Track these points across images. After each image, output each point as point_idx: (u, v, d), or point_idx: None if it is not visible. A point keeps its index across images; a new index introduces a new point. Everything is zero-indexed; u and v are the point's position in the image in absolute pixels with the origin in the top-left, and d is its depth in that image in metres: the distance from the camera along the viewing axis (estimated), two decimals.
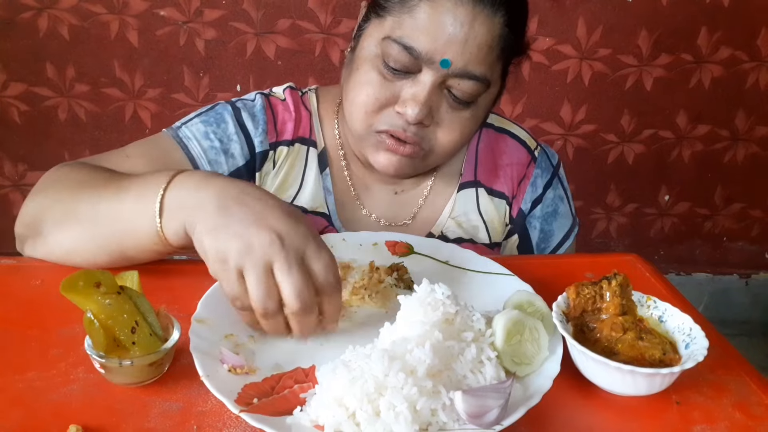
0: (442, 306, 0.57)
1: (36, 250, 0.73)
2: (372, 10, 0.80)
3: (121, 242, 0.67)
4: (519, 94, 1.93)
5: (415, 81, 0.76)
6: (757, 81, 1.96)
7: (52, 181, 0.75)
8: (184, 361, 0.57)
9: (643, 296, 0.64)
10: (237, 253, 0.55)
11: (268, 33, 1.79)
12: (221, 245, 0.56)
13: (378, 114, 0.79)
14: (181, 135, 0.85)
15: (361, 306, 0.69)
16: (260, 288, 0.55)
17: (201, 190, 0.60)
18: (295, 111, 0.91)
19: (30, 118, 1.85)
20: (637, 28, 1.86)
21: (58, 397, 0.54)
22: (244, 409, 0.50)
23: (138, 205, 0.63)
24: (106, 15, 1.73)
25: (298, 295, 0.55)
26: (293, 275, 0.55)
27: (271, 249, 0.54)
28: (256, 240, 0.55)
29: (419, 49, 0.73)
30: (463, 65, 0.74)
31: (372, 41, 0.78)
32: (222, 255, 0.56)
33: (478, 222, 0.94)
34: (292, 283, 0.55)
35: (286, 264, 0.55)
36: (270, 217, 0.56)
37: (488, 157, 0.95)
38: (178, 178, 0.62)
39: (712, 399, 0.58)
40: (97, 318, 0.54)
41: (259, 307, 0.55)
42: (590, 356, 0.55)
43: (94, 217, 0.67)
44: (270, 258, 0.55)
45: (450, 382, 0.52)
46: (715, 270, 2.29)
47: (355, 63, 0.81)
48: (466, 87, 0.76)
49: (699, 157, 2.08)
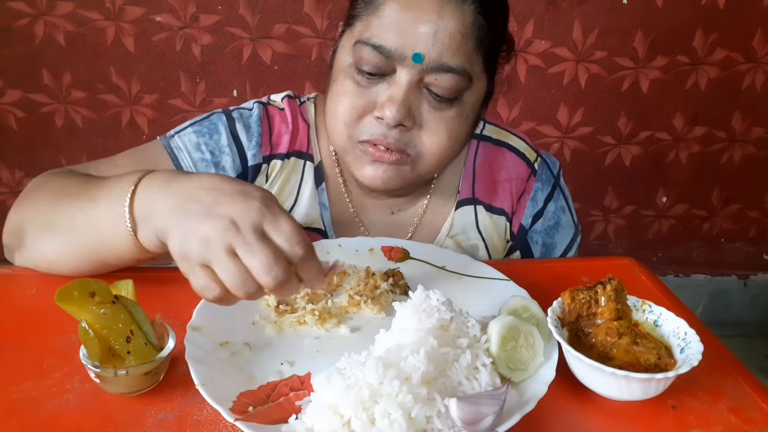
0: (437, 312, 0.57)
1: (23, 259, 0.73)
2: (345, 25, 0.79)
3: (101, 252, 0.66)
4: (515, 98, 1.93)
5: (391, 82, 0.74)
6: (753, 82, 1.97)
7: (34, 190, 0.74)
8: (179, 369, 0.57)
9: (638, 300, 0.64)
10: (197, 248, 0.53)
11: (264, 38, 1.79)
12: (182, 244, 0.54)
13: (357, 124, 0.76)
14: (172, 145, 0.85)
15: (358, 312, 0.69)
16: (233, 275, 0.53)
17: (163, 192, 0.59)
18: (293, 123, 0.88)
19: (27, 125, 1.85)
20: (632, 30, 1.86)
21: (54, 407, 0.53)
22: (239, 417, 0.50)
23: (110, 214, 0.62)
24: (102, 21, 1.73)
25: (268, 272, 0.52)
26: (256, 254, 0.52)
27: (227, 235, 0.53)
28: (211, 231, 0.53)
29: (389, 47, 0.71)
30: (437, 57, 0.71)
31: (345, 51, 0.77)
32: (184, 253, 0.54)
33: (477, 240, 0.92)
34: (258, 263, 0.52)
35: (246, 245, 0.52)
36: (221, 205, 0.54)
37: (486, 172, 0.92)
38: (142, 183, 0.61)
39: (708, 403, 0.58)
40: (92, 328, 0.54)
41: (241, 292, 0.54)
42: (585, 362, 0.55)
43: (71, 227, 0.66)
44: (230, 243, 0.53)
45: (445, 388, 0.52)
46: (714, 271, 2.29)
47: (331, 77, 0.80)
48: (444, 82, 0.73)
49: (696, 159, 2.08)
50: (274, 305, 0.67)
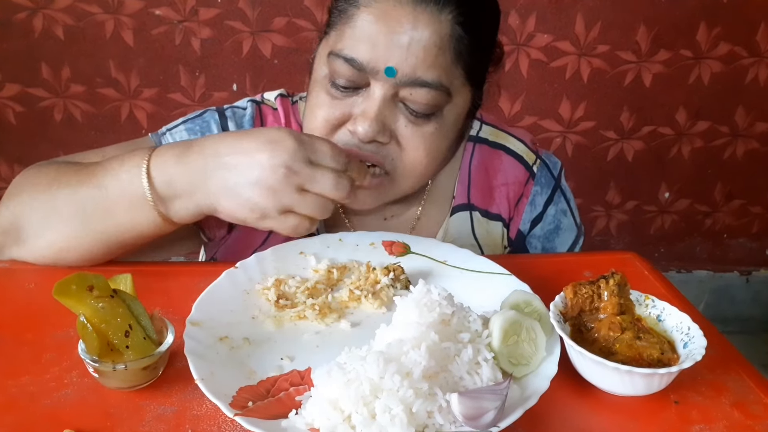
0: (438, 307, 0.56)
1: (22, 254, 0.72)
2: (323, 32, 0.76)
3: (120, 234, 0.68)
4: (517, 92, 1.92)
5: (366, 96, 0.71)
6: (757, 77, 1.95)
7: (23, 185, 0.73)
8: (178, 364, 0.57)
9: (641, 295, 0.63)
10: (270, 200, 0.61)
11: (263, 31, 1.78)
12: (256, 203, 0.62)
13: (332, 136, 0.73)
14: (163, 141, 0.84)
15: (358, 307, 0.68)
16: (314, 205, 0.63)
17: (186, 168, 0.64)
18: (286, 124, 0.87)
19: (25, 119, 1.84)
20: (635, 24, 1.85)
21: (52, 402, 0.53)
22: (238, 412, 0.50)
23: (124, 196, 0.66)
24: (101, 15, 1.72)
25: (337, 188, 0.63)
26: (320, 181, 0.62)
27: (290, 179, 0.61)
28: (273, 182, 0.61)
29: (360, 60, 0.68)
30: (411, 71, 0.68)
31: (321, 61, 0.74)
32: (263, 210, 0.62)
33: (473, 247, 0.88)
34: (326, 186, 0.62)
35: (309, 179, 0.62)
36: (263, 155, 0.61)
37: (482, 177, 0.89)
38: (153, 163, 0.65)
39: (711, 398, 0.58)
40: (91, 322, 0.53)
41: (327, 214, 0.64)
42: (588, 357, 0.55)
43: (79, 214, 0.67)
44: (297, 184, 0.62)
45: (446, 383, 0.52)
46: (716, 267, 2.28)
47: (309, 89, 0.77)
48: (419, 97, 0.69)
49: (699, 154, 2.07)
50: (273, 300, 0.67)
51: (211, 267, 0.73)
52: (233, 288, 0.68)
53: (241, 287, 0.68)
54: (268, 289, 0.68)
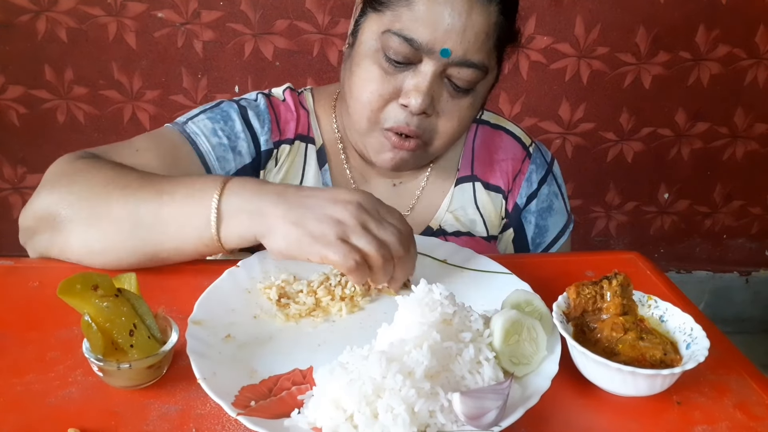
0: (440, 306, 0.56)
1: (52, 245, 0.70)
2: (369, 6, 0.80)
3: (160, 245, 0.68)
4: (517, 94, 1.92)
5: (416, 72, 0.77)
6: (756, 78, 1.96)
7: (68, 175, 0.72)
8: (182, 363, 0.57)
9: (644, 296, 0.63)
10: (334, 227, 0.61)
11: (265, 34, 1.79)
12: (314, 230, 0.61)
13: (382, 110, 0.80)
14: (188, 130, 0.86)
15: (359, 306, 0.68)
16: (370, 243, 0.62)
17: (260, 195, 0.65)
18: (295, 110, 0.93)
19: (29, 121, 1.84)
20: (635, 26, 1.85)
21: (56, 401, 0.53)
22: (241, 412, 0.50)
23: (186, 210, 0.66)
24: (104, 17, 1.73)
25: (399, 242, 0.64)
26: (387, 227, 0.63)
27: (359, 214, 0.62)
28: (342, 214, 0.62)
29: (419, 40, 0.75)
30: (463, 54, 0.76)
31: (371, 36, 0.79)
32: (319, 236, 0.61)
33: (475, 216, 0.95)
34: (389, 234, 0.63)
35: (376, 221, 0.63)
36: (339, 195, 0.64)
37: (484, 152, 0.97)
38: (230, 185, 0.66)
39: (713, 399, 0.58)
40: (95, 321, 0.53)
41: (378, 256, 0.62)
42: (591, 357, 0.55)
43: (132, 219, 0.67)
44: (362, 221, 0.62)
45: (448, 383, 0.52)
46: (716, 268, 2.28)
47: (354, 59, 0.82)
48: (465, 75, 0.78)
49: (698, 155, 2.07)
50: (275, 299, 0.67)
51: (215, 266, 0.73)
52: (235, 287, 0.68)
53: (242, 286, 0.69)
54: (269, 288, 0.68)
